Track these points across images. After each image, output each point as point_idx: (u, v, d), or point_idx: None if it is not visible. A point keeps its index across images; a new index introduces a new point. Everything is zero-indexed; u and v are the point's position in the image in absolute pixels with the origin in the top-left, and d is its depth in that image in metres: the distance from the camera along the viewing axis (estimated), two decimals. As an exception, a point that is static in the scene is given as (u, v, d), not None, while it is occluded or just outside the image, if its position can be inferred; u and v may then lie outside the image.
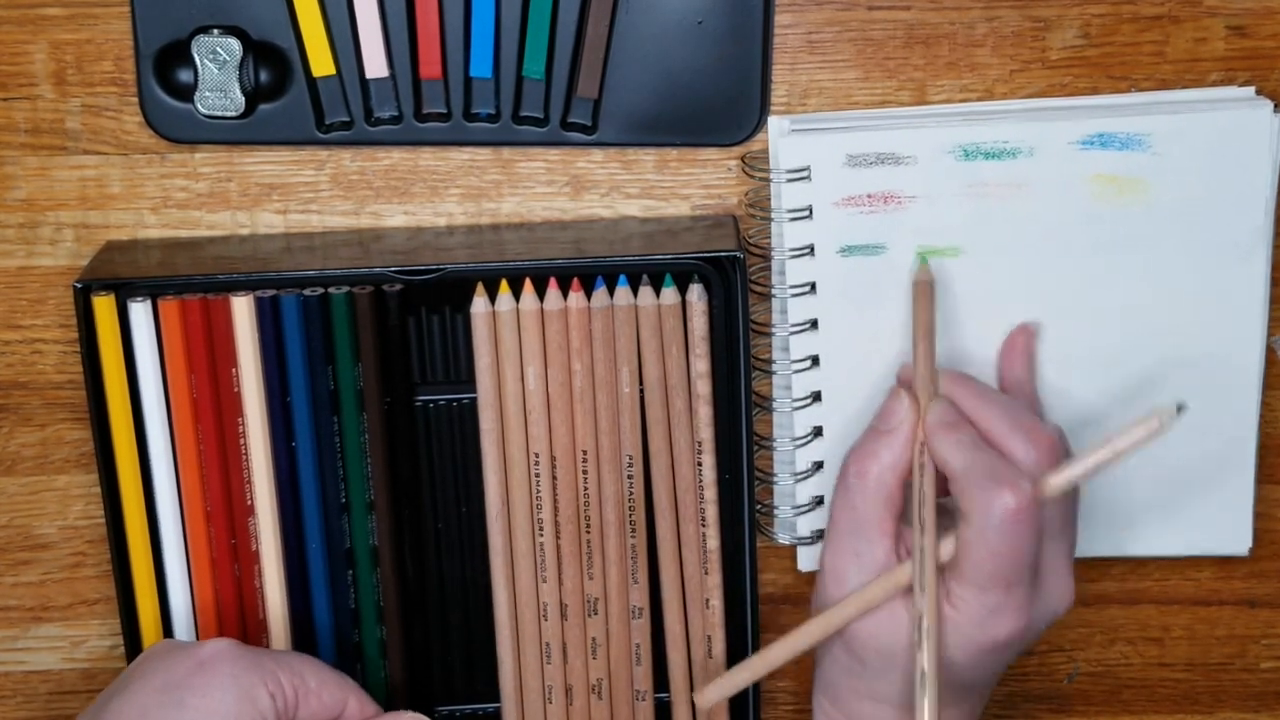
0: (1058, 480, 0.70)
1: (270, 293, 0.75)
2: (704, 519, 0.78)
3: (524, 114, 0.78)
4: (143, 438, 0.76)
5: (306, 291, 0.75)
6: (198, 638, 0.78)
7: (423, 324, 0.78)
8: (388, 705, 0.79)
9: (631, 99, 0.77)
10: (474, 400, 0.77)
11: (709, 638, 0.80)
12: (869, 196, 0.77)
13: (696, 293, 0.76)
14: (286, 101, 0.77)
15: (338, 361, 0.76)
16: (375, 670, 0.79)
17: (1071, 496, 0.72)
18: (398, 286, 0.75)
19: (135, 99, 0.78)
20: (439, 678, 0.82)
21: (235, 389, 0.75)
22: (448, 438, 0.79)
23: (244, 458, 0.76)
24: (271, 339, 0.75)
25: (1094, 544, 0.82)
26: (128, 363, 0.75)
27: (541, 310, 0.76)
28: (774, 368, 0.79)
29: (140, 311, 0.74)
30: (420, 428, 0.79)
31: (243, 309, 0.75)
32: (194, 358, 0.75)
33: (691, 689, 0.81)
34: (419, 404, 0.78)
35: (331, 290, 0.75)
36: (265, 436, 0.76)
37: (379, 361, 0.76)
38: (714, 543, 0.79)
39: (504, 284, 0.76)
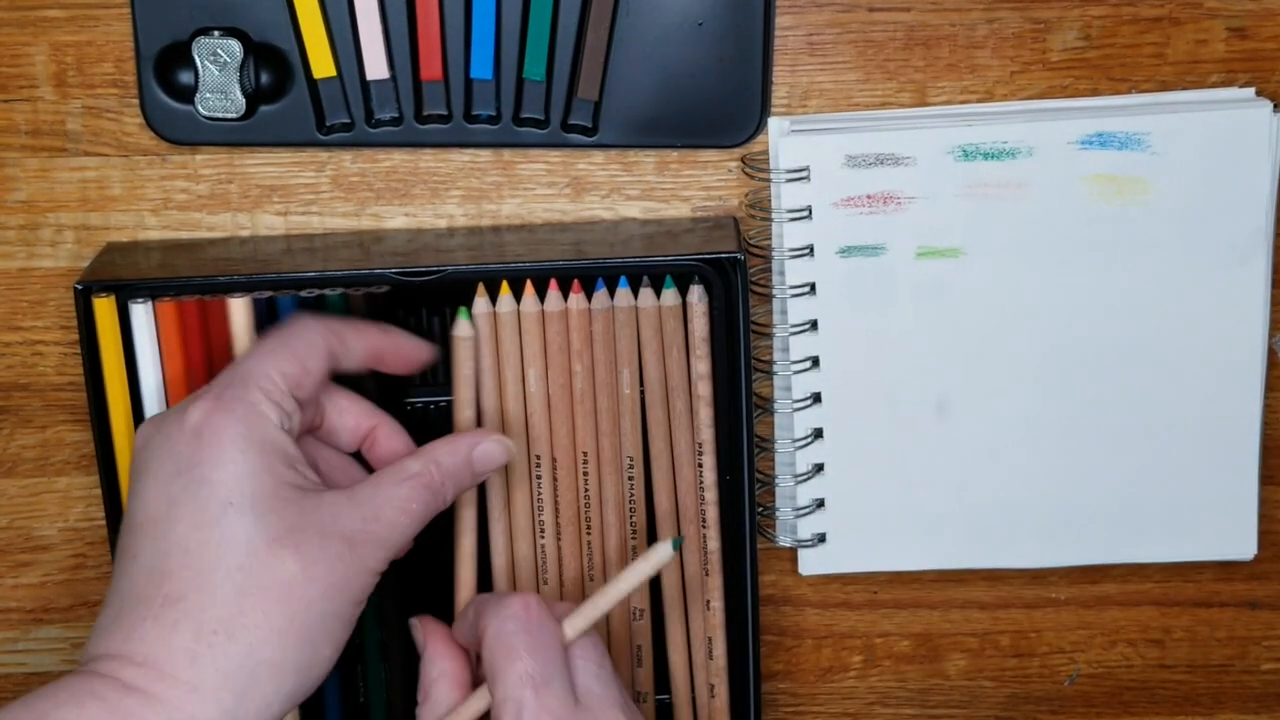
0: (575, 621, 0.70)
1: (267, 294, 0.75)
2: (704, 520, 0.78)
3: (525, 116, 0.78)
4: None
5: (303, 293, 0.75)
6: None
7: (423, 325, 0.78)
8: (388, 713, 0.79)
9: (632, 101, 0.77)
10: (474, 401, 0.78)
11: (709, 639, 0.80)
12: (868, 197, 0.77)
13: (697, 294, 0.76)
14: (287, 103, 0.77)
15: None
16: (375, 672, 0.79)
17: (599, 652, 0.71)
18: (384, 288, 0.75)
19: (136, 101, 0.78)
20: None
21: None
22: (448, 438, 0.79)
23: None
24: None
25: (1096, 551, 0.82)
26: (128, 364, 0.75)
27: (542, 312, 0.76)
28: (774, 369, 0.79)
29: (141, 313, 0.74)
30: (420, 428, 0.78)
31: (240, 310, 0.75)
32: (191, 359, 0.75)
33: (693, 690, 0.81)
34: (419, 405, 0.78)
35: (326, 292, 0.75)
36: None
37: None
38: (714, 544, 0.79)
39: (505, 285, 0.76)
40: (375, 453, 0.73)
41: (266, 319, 0.75)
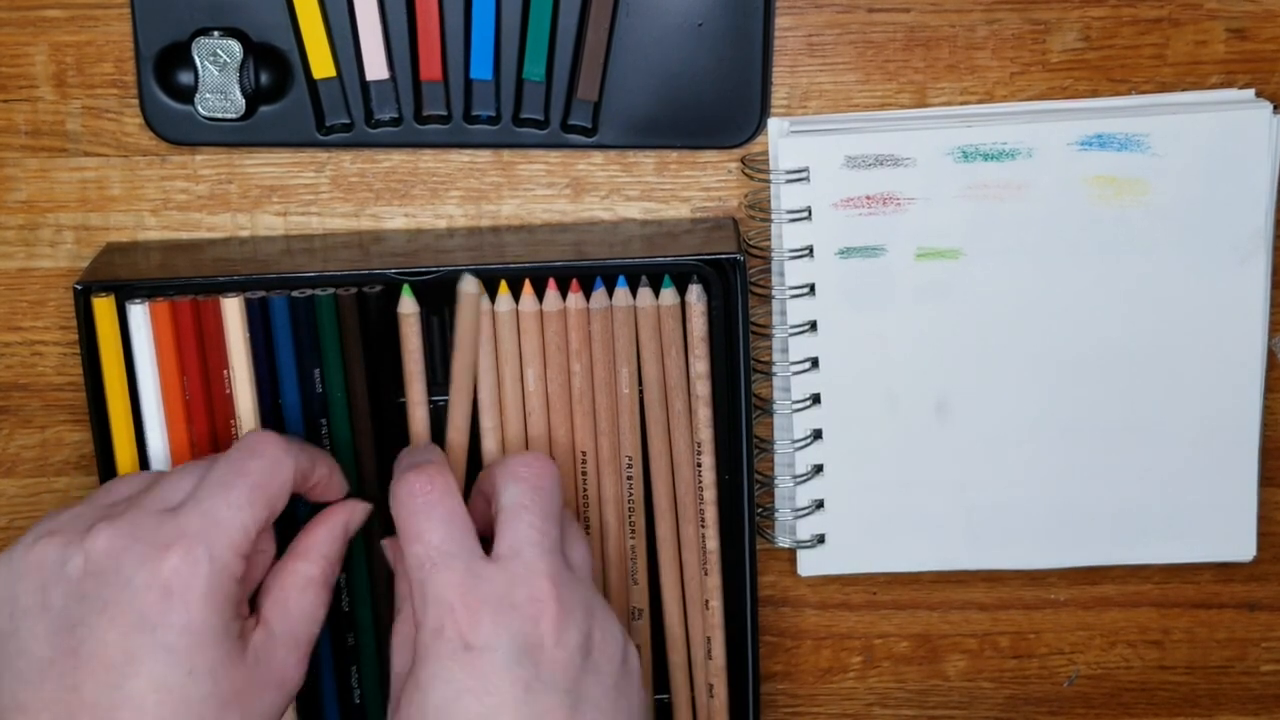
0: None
1: (259, 294, 0.75)
2: (703, 520, 0.78)
3: (524, 116, 0.78)
4: (142, 439, 0.76)
5: (294, 293, 0.75)
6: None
7: (422, 325, 0.78)
8: (384, 704, 0.79)
9: (632, 101, 0.77)
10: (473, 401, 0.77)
11: (709, 639, 0.80)
12: (868, 198, 0.77)
13: (695, 294, 0.76)
14: (287, 103, 0.77)
15: (326, 363, 0.75)
16: (371, 671, 0.79)
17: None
18: (378, 288, 0.75)
19: (136, 101, 0.78)
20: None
21: (227, 390, 0.75)
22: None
23: None
24: (261, 340, 0.75)
25: (1095, 552, 0.82)
26: (127, 364, 0.75)
27: (541, 311, 0.76)
28: (774, 370, 0.79)
29: (139, 313, 0.74)
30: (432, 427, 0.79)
31: (233, 310, 0.75)
32: (186, 359, 0.75)
33: (692, 690, 0.81)
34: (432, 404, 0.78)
35: (316, 292, 0.75)
36: None
37: (365, 363, 0.76)
38: (713, 544, 0.79)
39: (503, 285, 0.76)
40: (314, 493, 0.74)
41: (260, 319, 0.75)
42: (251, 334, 0.75)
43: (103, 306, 0.74)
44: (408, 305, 0.75)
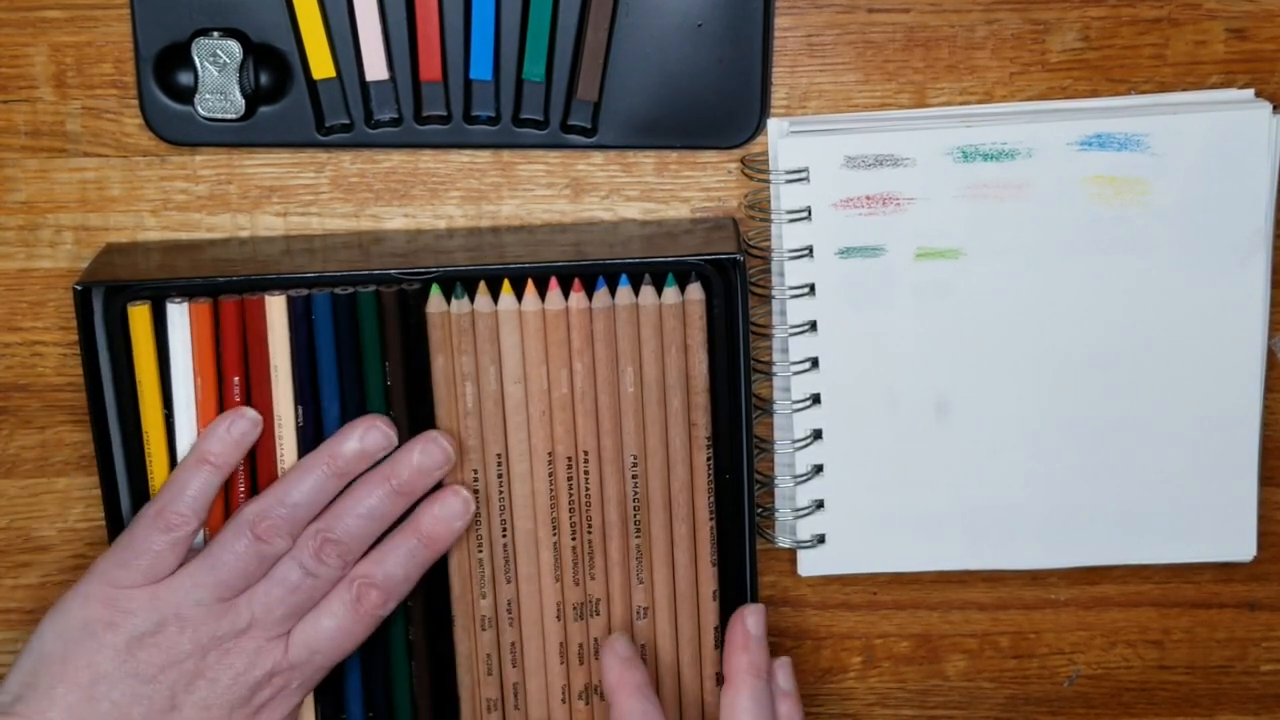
0: None
1: (304, 293, 0.75)
2: (696, 519, 0.78)
3: (524, 116, 0.78)
4: (173, 443, 0.76)
5: (337, 290, 0.75)
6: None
7: (423, 324, 0.78)
8: (415, 709, 0.79)
9: (631, 102, 0.77)
10: (474, 402, 0.78)
11: (711, 638, 0.80)
12: (868, 198, 0.77)
13: (696, 294, 0.76)
14: (286, 104, 0.77)
15: (365, 360, 0.75)
16: (402, 672, 0.79)
17: None
18: (416, 285, 0.75)
19: (135, 101, 0.78)
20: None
21: (268, 389, 0.75)
22: (448, 439, 0.79)
23: (276, 462, 0.76)
24: (304, 339, 0.75)
25: (1095, 552, 0.82)
26: (161, 364, 0.75)
27: (543, 310, 0.76)
28: (774, 370, 0.79)
29: (177, 313, 0.74)
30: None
31: (276, 309, 0.74)
32: (227, 359, 0.75)
33: (699, 688, 0.81)
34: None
35: (359, 290, 0.75)
36: (294, 438, 0.76)
37: (405, 360, 0.76)
38: (713, 544, 0.79)
39: (506, 284, 0.76)
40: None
41: (303, 316, 0.75)
42: (294, 332, 0.75)
43: (138, 314, 0.74)
44: (435, 304, 0.75)
